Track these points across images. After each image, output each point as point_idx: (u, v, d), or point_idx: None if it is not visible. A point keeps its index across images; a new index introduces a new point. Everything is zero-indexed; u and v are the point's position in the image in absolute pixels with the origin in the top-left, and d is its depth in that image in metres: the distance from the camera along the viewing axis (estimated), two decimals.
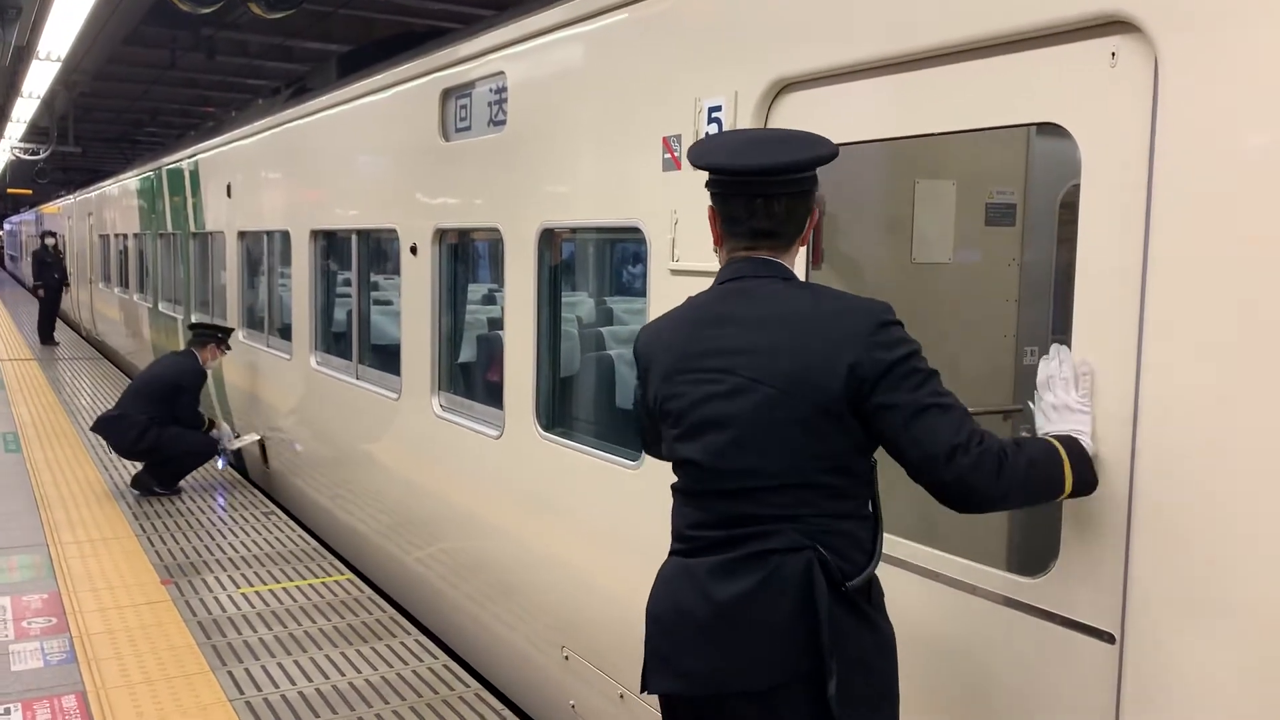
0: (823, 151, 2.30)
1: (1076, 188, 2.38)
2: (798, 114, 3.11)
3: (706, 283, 3.49)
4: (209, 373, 8.53)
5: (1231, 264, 2.04)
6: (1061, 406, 2.33)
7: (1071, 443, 2.27)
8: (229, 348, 8.62)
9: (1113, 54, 2.25)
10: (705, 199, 3.41)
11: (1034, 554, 2.79)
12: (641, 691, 2.42)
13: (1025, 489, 2.16)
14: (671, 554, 2.43)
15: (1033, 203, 3.82)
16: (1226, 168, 2.05)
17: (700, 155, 2.37)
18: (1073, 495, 2.26)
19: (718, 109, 3.36)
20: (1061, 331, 2.44)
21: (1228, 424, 2.06)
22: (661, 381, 2.41)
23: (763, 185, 2.29)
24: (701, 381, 2.31)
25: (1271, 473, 1.99)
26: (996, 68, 2.52)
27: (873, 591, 2.30)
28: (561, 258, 4.78)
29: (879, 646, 2.30)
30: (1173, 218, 2.14)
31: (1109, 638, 2.30)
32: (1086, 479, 2.26)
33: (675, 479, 2.44)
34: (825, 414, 2.18)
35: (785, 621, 2.19)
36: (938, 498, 2.18)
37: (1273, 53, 1.97)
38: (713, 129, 3.38)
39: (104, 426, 7.94)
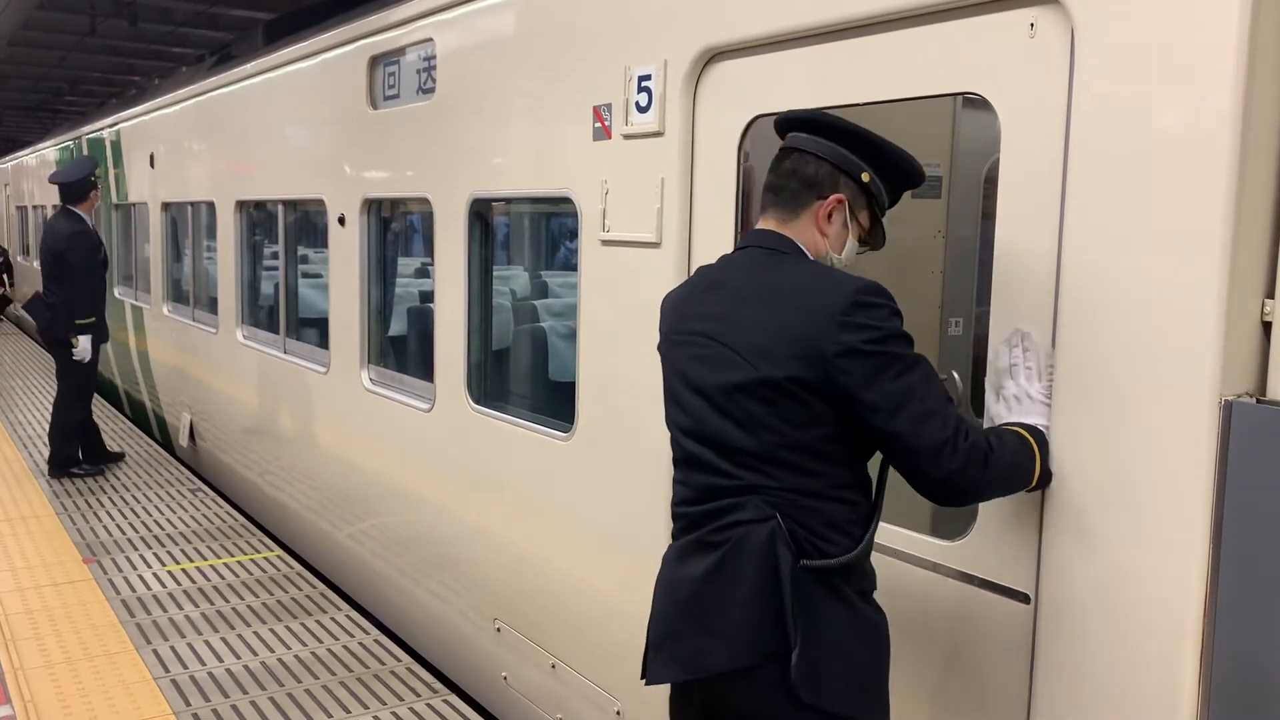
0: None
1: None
2: (726, 83, 3.11)
3: (637, 254, 3.53)
4: (100, 234, 7.86)
5: (1143, 236, 2.08)
6: (1024, 397, 2.29)
7: (1040, 435, 2.25)
8: (99, 178, 8.13)
9: (1031, 24, 2.28)
10: (634, 168, 3.45)
11: (954, 519, 2.84)
12: (644, 682, 2.34)
13: (1006, 483, 2.17)
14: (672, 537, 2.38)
15: (959, 175, 3.87)
16: (1138, 139, 2.09)
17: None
18: (1036, 488, 2.25)
19: (648, 78, 3.34)
20: (984, 304, 2.46)
21: (1139, 396, 2.11)
22: (663, 343, 2.44)
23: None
24: (688, 345, 2.32)
25: (1175, 442, 2.05)
26: (921, 38, 2.54)
27: (852, 574, 2.17)
28: (494, 228, 4.74)
29: (859, 630, 2.18)
30: (1087, 190, 2.17)
31: (1024, 598, 2.36)
32: (1050, 471, 2.26)
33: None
34: (783, 391, 2.11)
35: (749, 595, 2.11)
36: (925, 494, 2.13)
37: (1185, 26, 2.01)
38: (642, 98, 3.36)
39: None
